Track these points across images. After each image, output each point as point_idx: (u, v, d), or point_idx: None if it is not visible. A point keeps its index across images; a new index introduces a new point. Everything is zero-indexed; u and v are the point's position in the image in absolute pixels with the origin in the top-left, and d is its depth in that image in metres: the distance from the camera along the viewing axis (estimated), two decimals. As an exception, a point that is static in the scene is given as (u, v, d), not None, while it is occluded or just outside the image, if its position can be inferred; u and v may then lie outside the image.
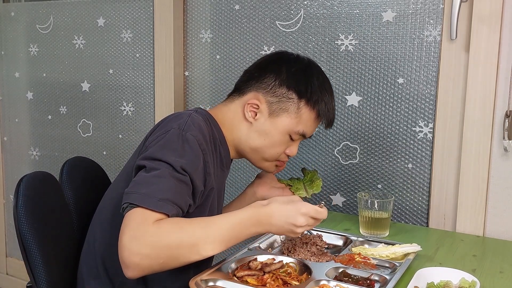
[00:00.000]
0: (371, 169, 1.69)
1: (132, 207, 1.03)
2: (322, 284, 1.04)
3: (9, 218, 2.67)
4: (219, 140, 1.26)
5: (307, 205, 1.08)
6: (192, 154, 1.11)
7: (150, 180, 1.05)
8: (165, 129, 1.15)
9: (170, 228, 1.01)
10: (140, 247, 0.98)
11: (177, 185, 1.06)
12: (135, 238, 0.99)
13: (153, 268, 1.01)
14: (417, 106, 1.60)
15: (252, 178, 1.92)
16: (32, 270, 1.18)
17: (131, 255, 0.98)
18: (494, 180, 1.47)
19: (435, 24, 1.55)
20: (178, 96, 2.02)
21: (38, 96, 2.46)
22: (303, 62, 1.30)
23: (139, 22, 2.11)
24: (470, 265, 1.21)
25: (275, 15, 1.80)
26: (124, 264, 1.00)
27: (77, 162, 1.48)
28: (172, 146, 1.11)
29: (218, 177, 1.27)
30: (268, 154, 1.28)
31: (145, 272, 1.01)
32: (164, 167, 1.07)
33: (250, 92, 1.27)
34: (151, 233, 0.99)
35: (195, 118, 1.18)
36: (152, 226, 1.00)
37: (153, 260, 0.99)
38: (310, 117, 1.26)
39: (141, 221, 1.00)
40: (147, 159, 1.11)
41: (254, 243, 1.25)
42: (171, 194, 1.05)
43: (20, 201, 1.20)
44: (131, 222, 1.01)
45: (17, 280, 2.66)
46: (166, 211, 1.03)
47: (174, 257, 1.02)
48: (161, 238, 1.00)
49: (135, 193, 1.04)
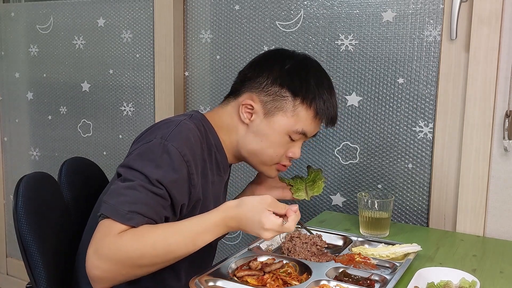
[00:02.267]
0: (371, 169, 1.69)
1: (103, 218, 1.03)
2: (322, 284, 1.04)
3: (9, 218, 2.67)
4: (214, 146, 1.23)
5: (271, 221, 1.00)
6: (171, 166, 1.07)
7: (122, 192, 1.04)
8: (148, 138, 1.12)
9: (130, 239, 0.99)
10: (100, 261, 0.99)
11: (149, 197, 1.04)
12: (96, 251, 1.00)
13: (117, 280, 1.02)
14: (417, 106, 1.60)
15: (251, 177, 1.92)
16: (32, 270, 1.18)
17: (92, 269, 1.00)
18: (494, 180, 1.47)
19: (435, 24, 1.55)
20: (178, 96, 2.02)
21: (38, 96, 2.46)
22: (298, 59, 1.25)
23: (139, 22, 2.11)
24: (470, 265, 1.21)
25: (275, 15, 1.80)
26: (88, 277, 1.02)
27: (75, 162, 1.48)
28: (150, 157, 1.08)
29: (214, 184, 1.24)
30: (266, 156, 1.23)
31: (110, 283, 1.02)
32: (139, 179, 1.05)
33: (244, 93, 1.23)
34: (110, 245, 0.99)
35: (184, 127, 1.14)
36: (113, 238, 0.99)
37: (115, 273, 1.00)
38: (308, 115, 1.21)
39: (105, 233, 1.01)
40: (124, 167, 1.09)
41: (254, 243, 1.25)
42: (141, 206, 1.02)
43: (19, 202, 1.20)
44: (97, 233, 1.02)
45: (17, 280, 2.66)
46: (133, 224, 1.01)
47: (137, 267, 1.01)
48: (120, 250, 0.99)
49: (106, 203, 1.04)
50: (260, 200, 1.03)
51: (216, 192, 1.27)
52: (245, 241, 1.91)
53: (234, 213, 1.03)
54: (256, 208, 1.02)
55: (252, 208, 1.02)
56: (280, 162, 1.26)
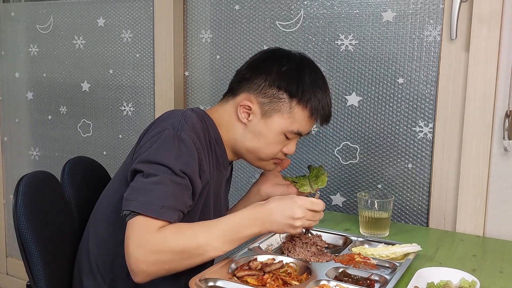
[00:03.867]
0: (371, 169, 1.69)
1: (134, 215, 1.05)
2: (322, 284, 1.04)
3: (9, 218, 2.67)
4: (214, 140, 1.26)
5: (302, 197, 1.12)
6: (188, 154, 1.12)
7: (149, 187, 1.07)
8: (159, 129, 1.15)
9: (173, 235, 1.04)
10: (146, 255, 1.03)
11: (176, 189, 1.08)
12: (140, 246, 1.03)
13: (160, 273, 1.06)
14: (417, 106, 1.60)
15: (252, 177, 1.93)
16: (31, 269, 1.18)
17: (138, 263, 1.03)
18: (494, 180, 1.47)
19: (435, 24, 1.55)
20: (178, 96, 2.02)
21: (38, 96, 2.46)
22: (294, 60, 1.27)
23: (139, 22, 2.11)
24: (470, 265, 1.21)
25: (275, 15, 1.80)
26: (132, 271, 1.04)
27: (79, 161, 1.48)
28: (168, 147, 1.11)
29: (214, 177, 1.26)
30: (263, 154, 1.28)
31: (152, 277, 1.06)
32: (163, 172, 1.08)
33: (242, 93, 1.26)
34: (155, 241, 1.03)
35: (189, 116, 1.18)
36: (156, 234, 1.03)
37: (159, 266, 1.04)
38: (303, 116, 1.24)
39: (145, 230, 1.04)
40: (145, 163, 1.11)
41: (254, 243, 1.25)
42: (172, 200, 1.07)
43: (19, 201, 1.20)
44: (136, 230, 1.04)
45: (17, 280, 2.66)
46: (168, 218, 1.06)
47: (179, 262, 1.06)
48: (165, 245, 1.03)
49: (135, 201, 1.06)
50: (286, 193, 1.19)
51: (215, 186, 1.28)
52: (245, 241, 1.90)
53: (266, 207, 1.11)
54: (284, 197, 1.13)
55: (282, 198, 1.13)
56: (276, 157, 1.32)
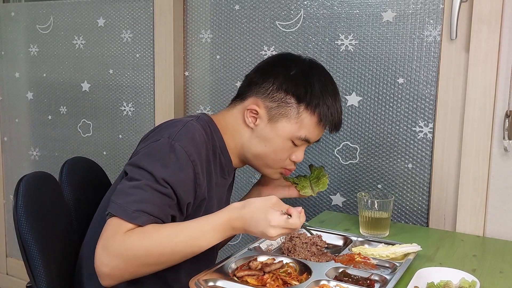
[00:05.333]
0: (371, 169, 1.69)
1: (111, 216, 1.06)
2: (322, 284, 1.04)
3: (9, 218, 2.67)
4: (219, 148, 1.25)
5: (277, 218, 1.02)
6: (177, 166, 1.10)
7: (129, 191, 1.07)
8: (156, 138, 1.15)
9: (138, 238, 1.02)
10: (109, 258, 1.02)
11: (155, 196, 1.07)
12: (105, 248, 1.02)
13: (124, 277, 1.05)
14: (417, 106, 1.60)
15: (252, 177, 1.92)
16: (32, 270, 1.17)
17: (101, 266, 1.02)
18: (494, 180, 1.47)
19: (435, 24, 1.55)
20: (178, 96, 2.02)
21: (38, 96, 2.46)
22: (303, 64, 1.26)
23: (139, 22, 2.11)
24: (470, 265, 1.21)
25: (275, 15, 1.80)
26: (97, 274, 1.04)
27: (77, 162, 1.48)
28: (158, 156, 1.10)
29: (218, 185, 1.26)
30: (270, 160, 1.25)
31: (117, 280, 1.04)
32: (145, 178, 1.08)
33: (249, 98, 1.25)
34: (119, 244, 1.02)
35: (190, 128, 1.16)
36: (120, 237, 1.02)
37: (122, 271, 1.03)
38: (311, 122, 1.22)
39: (113, 232, 1.03)
40: (132, 166, 1.12)
41: (254, 243, 1.25)
42: (147, 205, 1.05)
43: (19, 201, 1.19)
44: (105, 231, 1.05)
45: (17, 280, 2.66)
46: (140, 223, 1.04)
47: (144, 266, 1.04)
48: (128, 248, 1.02)
49: (114, 202, 1.06)
50: (265, 200, 1.06)
51: (219, 194, 1.28)
52: (245, 241, 1.91)
53: (240, 213, 1.05)
54: (261, 207, 1.04)
55: (258, 208, 1.04)
56: (285, 167, 1.28)
